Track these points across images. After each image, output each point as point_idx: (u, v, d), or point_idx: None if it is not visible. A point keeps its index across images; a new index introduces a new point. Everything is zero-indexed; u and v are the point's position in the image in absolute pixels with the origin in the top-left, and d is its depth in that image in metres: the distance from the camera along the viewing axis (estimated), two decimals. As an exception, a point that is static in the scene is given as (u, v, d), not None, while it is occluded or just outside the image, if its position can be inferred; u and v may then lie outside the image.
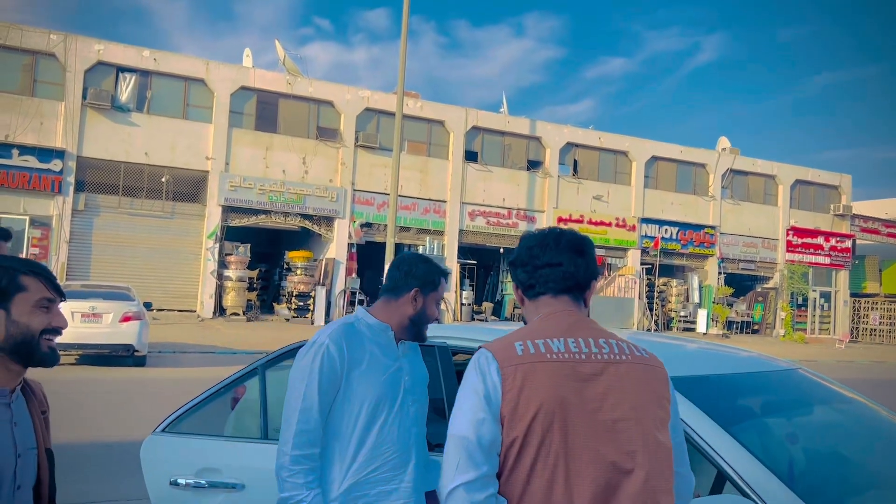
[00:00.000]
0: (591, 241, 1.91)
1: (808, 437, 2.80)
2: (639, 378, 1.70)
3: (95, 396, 9.61)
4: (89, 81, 21.16)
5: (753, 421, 2.68)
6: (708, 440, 2.20)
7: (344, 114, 24.32)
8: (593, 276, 1.85)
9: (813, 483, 2.43)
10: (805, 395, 2.97)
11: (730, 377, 2.78)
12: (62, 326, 1.77)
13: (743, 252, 31.14)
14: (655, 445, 1.66)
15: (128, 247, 21.42)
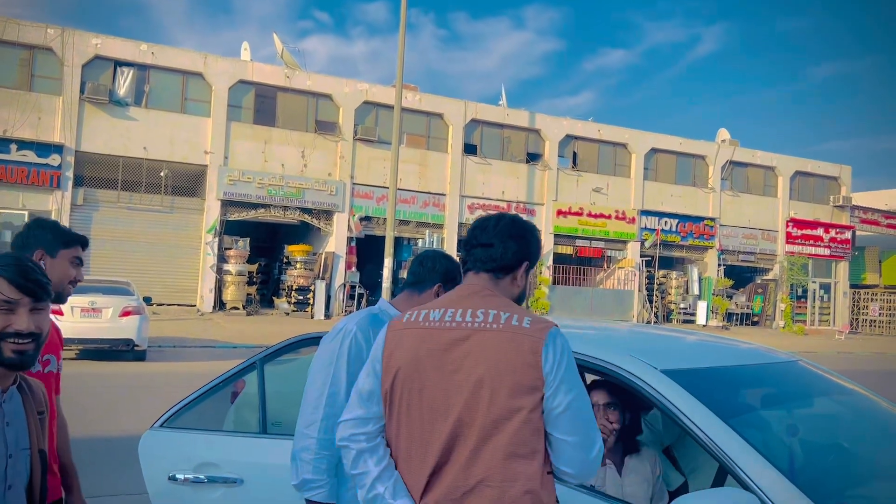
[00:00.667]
0: (529, 228, 2.10)
1: (808, 428, 2.79)
2: (501, 345, 1.84)
3: (95, 391, 9.61)
4: (87, 76, 21.10)
5: (753, 413, 2.67)
6: (708, 432, 2.19)
7: (342, 107, 24.27)
8: (523, 258, 2.03)
9: (813, 474, 2.42)
10: (805, 386, 2.97)
11: (729, 369, 2.77)
12: (24, 330, 1.65)
13: (742, 244, 31.13)
14: (506, 410, 1.81)
15: (127, 241, 21.40)
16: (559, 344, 1.86)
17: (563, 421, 1.82)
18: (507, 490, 1.81)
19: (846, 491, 2.34)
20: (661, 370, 2.44)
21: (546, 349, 1.84)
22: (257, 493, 2.74)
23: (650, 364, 2.47)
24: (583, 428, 1.84)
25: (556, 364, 1.84)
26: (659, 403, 2.36)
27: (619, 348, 2.66)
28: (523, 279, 2.06)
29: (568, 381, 1.84)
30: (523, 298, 2.10)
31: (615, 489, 2.69)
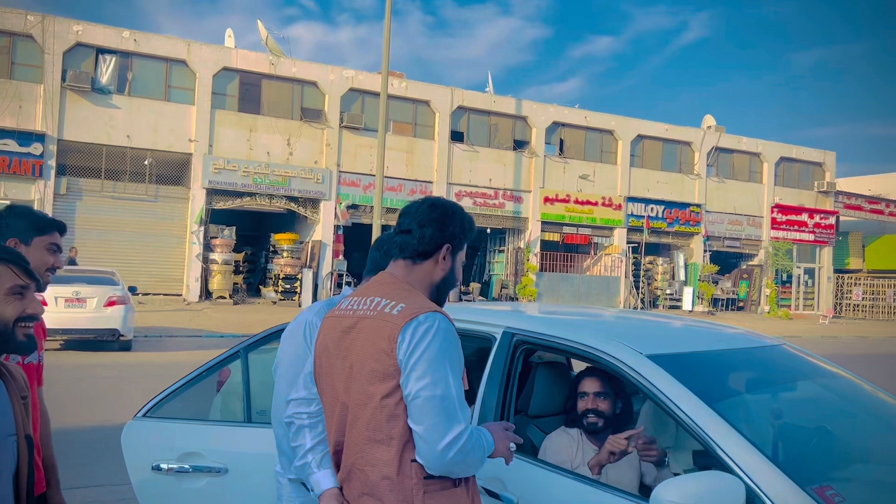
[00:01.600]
0: (449, 211, 2.12)
1: (792, 412, 2.80)
2: (369, 332, 1.92)
3: (80, 381, 9.54)
4: (68, 63, 20.83)
5: (738, 397, 2.68)
6: (692, 416, 2.19)
7: (328, 94, 24.11)
8: (442, 242, 2.07)
9: (797, 457, 2.43)
10: (789, 370, 2.98)
11: (714, 354, 2.78)
12: (38, 314, 1.75)
13: (728, 230, 31.30)
14: (364, 396, 1.90)
15: (112, 231, 21.21)
16: (419, 331, 1.86)
17: (412, 409, 1.84)
18: (369, 475, 1.89)
19: (830, 473, 2.35)
20: (647, 355, 2.44)
21: (402, 336, 1.87)
22: (242, 481, 2.73)
23: (635, 349, 2.47)
24: (429, 418, 1.82)
25: (410, 351, 1.85)
26: (644, 389, 2.36)
27: (604, 334, 2.66)
28: (448, 262, 2.09)
29: (420, 369, 1.83)
30: (451, 281, 2.13)
31: (602, 475, 2.69)
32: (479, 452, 1.89)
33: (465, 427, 1.84)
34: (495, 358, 2.82)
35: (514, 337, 2.80)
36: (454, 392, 1.85)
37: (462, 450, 1.82)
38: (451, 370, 1.87)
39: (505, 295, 26.56)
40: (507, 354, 2.79)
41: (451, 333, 1.92)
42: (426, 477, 1.88)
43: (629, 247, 28.78)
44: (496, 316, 3.07)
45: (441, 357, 1.86)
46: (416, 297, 1.99)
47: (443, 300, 2.14)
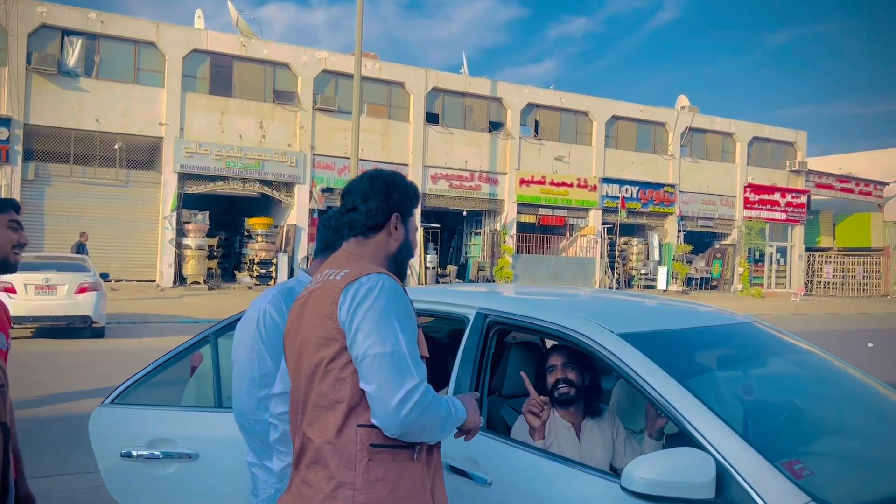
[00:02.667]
0: (390, 179, 2.09)
1: (762, 388, 2.83)
2: (316, 301, 1.92)
3: (52, 369, 9.42)
4: (33, 46, 20.34)
5: (709, 374, 2.70)
6: (663, 394, 2.20)
7: (301, 76, 23.83)
8: (390, 212, 2.05)
9: (767, 433, 2.46)
10: (760, 347, 3.01)
11: (686, 331, 2.79)
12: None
13: (702, 210, 31.59)
14: (312, 364, 1.88)
15: (82, 217, 20.85)
16: (360, 291, 1.84)
17: (362, 370, 1.80)
18: (315, 441, 1.86)
19: (799, 447, 2.38)
20: (618, 333, 2.44)
21: (342, 297, 1.85)
22: (213, 466, 2.70)
23: (607, 328, 2.48)
24: (379, 375, 1.77)
25: (353, 311, 1.83)
26: (616, 367, 2.36)
27: (576, 313, 2.66)
28: (400, 231, 2.07)
29: (366, 328, 1.80)
30: (408, 249, 2.10)
31: (573, 452, 2.70)
32: (440, 412, 1.82)
33: (419, 382, 1.77)
34: (468, 339, 2.81)
35: (488, 318, 2.80)
36: (405, 348, 1.80)
37: (418, 405, 1.75)
38: (401, 327, 1.82)
39: (482, 277, 26.62)
40: (480, 335, 2.79)
41: (398, 292, 1.88)
42: (374, 444, 1.82)
43: (604, 228, 28.95)
44: (469, 297, 3.06)
45: (387, 314, 1.82)
46: (363, 263, 1.97)
47: (403, 271, 2.12)
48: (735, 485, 1.94)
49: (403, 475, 1.84)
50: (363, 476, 1.81)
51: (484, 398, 2.73)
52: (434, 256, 26.42)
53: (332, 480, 1.81)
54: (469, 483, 2.45)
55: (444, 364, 3.32)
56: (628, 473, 1.98)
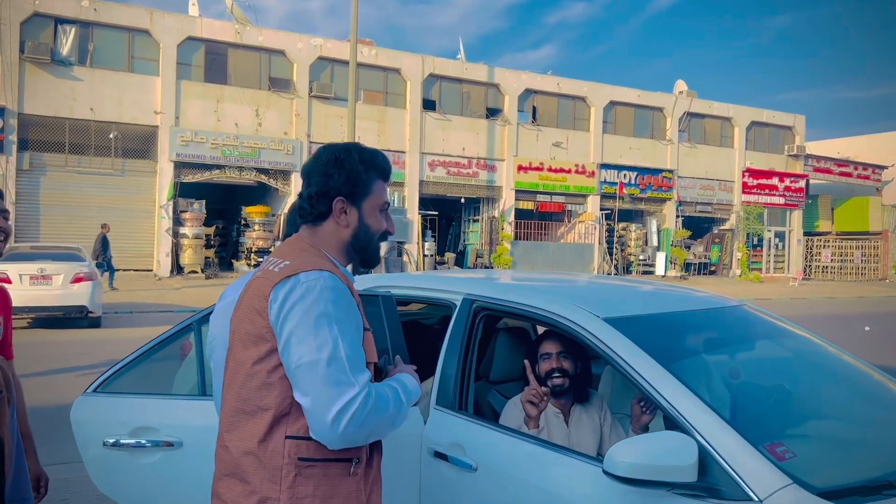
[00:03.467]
0: (332, 159, 1.84)
1: (750, 371, 2.82)
2: (250, 292, 1.76)
3: (48, 359, 9.42)
4: (26, 34, 20.22)
5: (695, 357, 2.68)
6: (647, 377, 2.19)
7: (296, 63, 23.71)
8: (332, 196, 1.83)
9: (753, 416, 2.45)
10: (749, 331, 2.99)
11: (673, 315, 2.78)
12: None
13: (700, 195, 31.54)
14: (235, 363, 1.74)
15: (78, 206, 20.81)
16: (295, 291, 1.67)
17: (297, 381, 1.65)
18: (231, 451, 1.70)
19: (784, 430, 2.37)
20: (604, 318, 2.43)
21: (274, 294, 1.69)
22: (197, 454, 2.69)
23: (592, 313, 2.46)
24: (314, 387, 1.62)
25: (285, 314, 1.67)
26: (601, 351, 2.35)
27: (562, 298, 2.64)
28: (351, 216, 1.85)
29: (299, 335, 1.64)
30: (366, 237, 1.88)
31: (562, 439, 2.69)
32: (387, 411, 1.68)
33: (359, 392, 1.63)
34: (455, 325, 2.80)
35: (474, 303, 2.79)
36: (343, 354, 1.64)
37: (355, 418, 1.61)
38: (340, 331, 1.66)
39: (480, 264, 26.61)
40: (466, 321, 2.77)
41: (338, 291, 1.71)
42: (303, 458, 1.67)
43: (602, 213, 28.91)
44: (456, 283, 3.05)
45: (324, 317, 1.66)
46: (309, 255, 1.78)
47: (369, 259, 1.92)
48: (717, 467, 1.93)
49: (335, 491, 1.71)
50: (288, 492, 1.66)
51: (471, 384, 2.72)
52: (432, 244, 26.40)
53: (252, 496, 1.66)
54: (453, 468, 2.44)
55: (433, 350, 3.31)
56: (610, 457, 1.97)
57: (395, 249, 20.85)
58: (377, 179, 1.88)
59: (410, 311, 4.04)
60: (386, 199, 1.91)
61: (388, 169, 1.92)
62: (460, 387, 2.67)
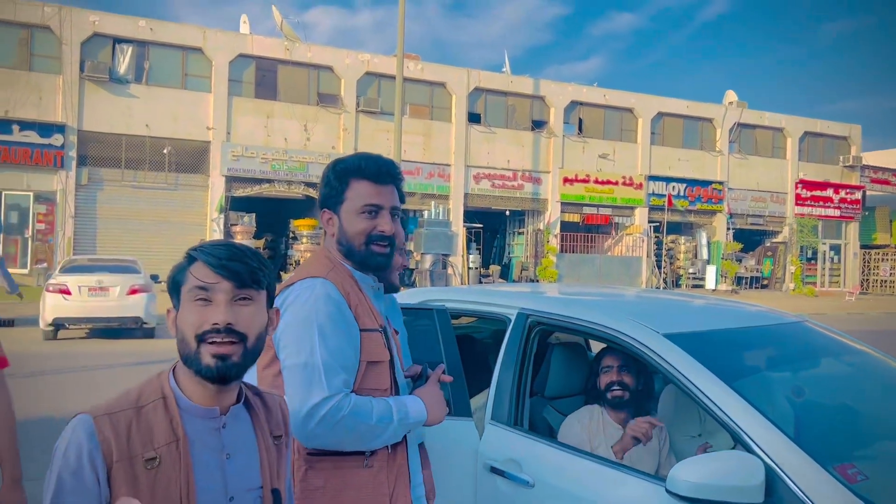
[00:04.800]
0: (322, 175, 1.98)
1: (814, 389, 2.74)
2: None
3: (105, 369, 9.67)
4: (86, 54, 20.95)
5: (758, 375, 2.63)
6: (711, 396, 2.15)
7: (344, 79, 24.05)
8: (321, 208, 1.98)
9: (819, 436, 2.38)
10: (811, 347, 2.92)
11: (733, 332, 2.73)
12: (219, 324, 1.29)
13: (751, 207, 30.91)
14: (254, 370, 1.81)
15: (132, 220, 21.41)
16: (288, 299, 1.82)
17: (283, 380, 1.78)
18: None
19: (853, 451, 2.30)
20: (664, 334, 2.40)
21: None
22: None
23: (652, 328, 2.43)
24: (290, 387, 1.74)
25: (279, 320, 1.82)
26: (662, 368, 2.32)
27: (620, 313, 2.61)
28: (335, 225, 1.94)
29: (286, 338, 1.78)
30: (346, 241, 1.92)
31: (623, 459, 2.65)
32: (367, 421, 1.74)
33: (330, 396, 1.70)
34: (510, 339, 2.79)
35: (529, 318, 2.78)
36: (319, 359, 1.73)
37: (326, 419, 1.69)
38: (321, 336, 1.76)
39: (525, 277, 26.49)
40: (521, 336, 2.76)
41: (325, 298, 1.80)
42: (312, 452, 1.77)
43: (651, 226, 28.54)
44: (510, 297, 3.04)
45: (307, 323, 1.77)
46: (315, 264, 1.92)
47: (365, 263, 1.94)
48: (785, 489, 1.89)
49: (347, 483, 1.78)
50: (300, 485, 1.76)
51: (526, 399, 2.70)
52: (477, 256, 26.38)
53: None
54: (510, 484, 2.43)
55: (487, 364, 3.30)
56: (674, 476, 1.94)
57: (439, 262, 20.89)
58: (354, 183, 1.92)
59: (460, 325, 4.04)
60: (368, 200, 1.91)
61: (367, 167, 1.92)
62: (516, 402, 2.66)
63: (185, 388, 1.35)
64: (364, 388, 1.83)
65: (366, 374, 1.84)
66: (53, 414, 6.98)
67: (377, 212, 1.91)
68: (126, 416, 1.30)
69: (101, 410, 1.31)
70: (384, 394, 1.86)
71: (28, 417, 6.82)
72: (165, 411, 1.32)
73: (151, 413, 1.31)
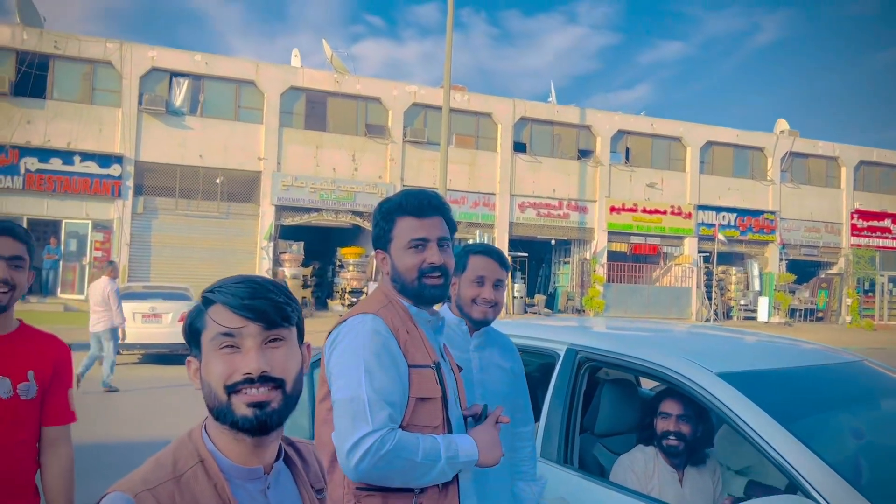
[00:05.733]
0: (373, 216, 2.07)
1: (875, 432, 2.66)
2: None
3: (156, 394, 9.87)
4: (144, 87, 21.72)
5: (815, 416, 2.55)
6: (766, 437, 2.10)
7: (391, 110, 24.42)
8: (376, 249, 2.06)
9: (880, 481, 2.30)
10: (871, 388, 2.83)
11: (789, 371, 2.66)
12: (252, 373, 1.16)
13: (805, 237, 30.16)
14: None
15: (185, 248, 21.94)
16: (340, 334, 1.87)
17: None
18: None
19: (918, 499, 2.21)
20: (717, 373, 2.36)
21: (329, 339, 1.90)
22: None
23: (705, 367, 2.39)
24: (338, 422, 1.78)
25: (329, 355, 1.87)
26: (715, 409, 2.28)
27: (672, 351, 2.58)
28: (386, 264, 2.02)
29: (335, 372, 1.83)
30: (399, 277, 1.96)
31: (675, 498, 2.60)
32: (412, 458, 1.73)
33: (374, 430, 1.71)
34: (559, 376, 2.78)
35: (579, 354, 2.76)
36: (365, 393, 1.75)
37: (370, 454, 1.70)
38: (367, 371, 1.78)
39: (571, 307, 26.23)
40: (571, 372, 2.75)
41: (372, 334, 1.83)
42: (360, 487, 1.79)
43: (700, 256, 28.05)
44: (559, 332, 3.03)
45: (354, 358, 1.80)
46: (370, 301, 1.96)
47: (420, 297, 1.96)
48: (846, 538, 1.82)
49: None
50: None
51: (576, 437, 2.68)
52: (522, 286, 26.26)
53: None
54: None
55: (535, 400, 3.28)
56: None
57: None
58: (399, 220, 2.00)
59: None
60: (414, 235, 1.96)
61: (409, 204, 1.99)
62: (566, 439, 2.64)
63: (221, 446, 1.21)
64: (414, 424, 1.83)
65: (416, 410, 1.84)
66: (106, 439, 7.14)
67: (424, 245, 1.95)
68: (167, 489, 1.15)
69: (138, 486, 1.14)
70: (435, 431, 1.85)
71: (81, 443, 6.99)
72: (207, 477, 1.17)
73: (192, 482, 1.16)
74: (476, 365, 2.34)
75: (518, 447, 2.40)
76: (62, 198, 20.68)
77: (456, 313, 2.42)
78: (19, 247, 2.01)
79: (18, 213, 19.80)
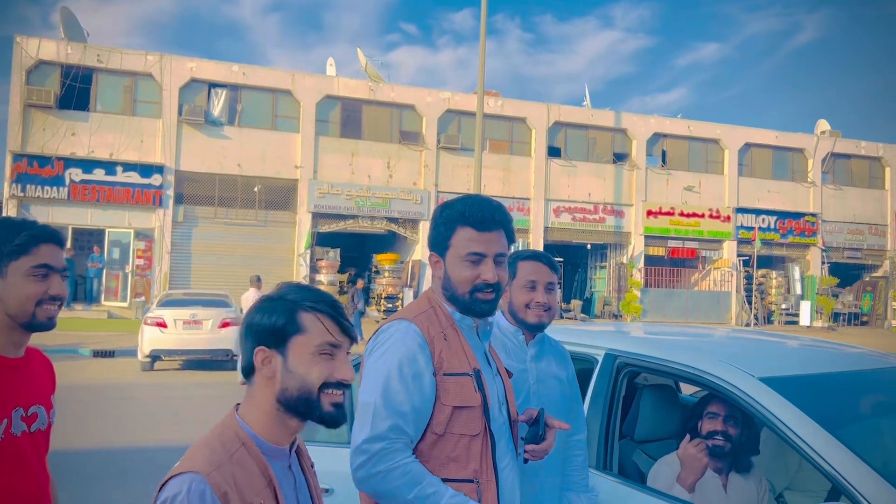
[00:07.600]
0: (431, 219, 2.03)
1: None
2: None
3: (195, 399, 10.02)
4: (184, 98, 22.15)
5: (862, 422, 2.50)
6: (812, 444, 2.07)
7: (426, 117, 24.52)
8: (431, 252, 2.01)
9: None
10: (921, 393, 2.76)
11: (834, 376, 2.61)
12: (347, 379, 1.42)
13: (848, 240, 29.49)
14: None
15: (224, 255, 22.29)
16: (375, 341, 1.90)
17: None
18: None
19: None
20: (759, 378, 2.32)
21: (368, 345, 1.94)
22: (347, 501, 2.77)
23: (746, 371, 2.36)
24: (357, 417, 1.80)
25: (366, 360, 1.90)
26: (758, 414, 2.24)
27: (712, 355, 2.55)
28: (439, 268, 1.98)
29: (363, 378, 1.86)
30: (450, 287, 1.93)
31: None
32: (405, 493, 1.71)
33: (370, 438, 1.73)
34: (598, 381, 2.76)
35: (617, 359, 2.74)
36: (380, 399, 1.77)
37: (366, 466, 1.73)
38: (385, 379, 1.79)
39: (608, 312, 26.00)
40: (609, 377, 2.73)
41: (402, 340, 1.83)
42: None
43: (740, 260, 27.60)
44: (597, 337, 3.02)
45: (378, 364, 1.84)
46: (412, 307, 1.97)
47: (466, 309, 1.94)
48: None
49: None
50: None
51: (615, 443, 2.66)
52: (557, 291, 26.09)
53: None
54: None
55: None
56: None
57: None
58: (459, 230, 1.93)
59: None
60: (472, 248, 1.90)
61: (471, 214, 1.92)
62: (605, 445, 2.62)
63: (258, 430, 1.42)
64: (452, 432, 1.81)
65: (452, 418, 1.82)
66: (147, 443, 7.27)
67: (481, 260, 1.90)
68: (227, 469, 1.34)
69: (206, 467, 1.32)
70: (475, 439, 1.83)
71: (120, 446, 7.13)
72: (250, 457, 1.38)
73: (243, 460, 1.37)
74: (533, 376, 2.33)
75: (570, 456, 2.38)
76: (105, 207, 21.18)
77: (510, 320, 2.40)
78: (64, 255, 1.92)
79: (64, 223, 20.33)
